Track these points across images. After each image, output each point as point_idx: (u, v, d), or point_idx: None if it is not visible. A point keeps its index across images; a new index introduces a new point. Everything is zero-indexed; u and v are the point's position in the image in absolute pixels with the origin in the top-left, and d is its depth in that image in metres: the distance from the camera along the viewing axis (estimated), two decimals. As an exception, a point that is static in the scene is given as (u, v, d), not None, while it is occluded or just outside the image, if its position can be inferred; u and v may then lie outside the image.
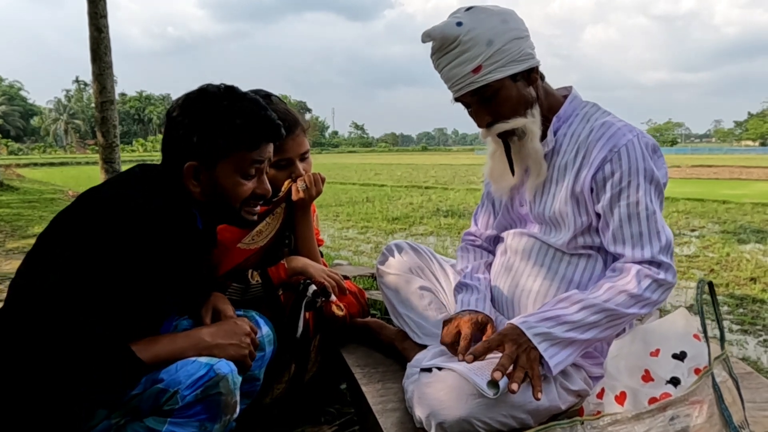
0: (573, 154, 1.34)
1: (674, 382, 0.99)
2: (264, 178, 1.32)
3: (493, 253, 1.67)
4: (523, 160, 1.40)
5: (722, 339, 1.01)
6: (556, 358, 1.20)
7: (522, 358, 1.18)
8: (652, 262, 1.25)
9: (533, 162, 1.37)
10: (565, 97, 1.42)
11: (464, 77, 1.30)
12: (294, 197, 1.71)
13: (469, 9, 1.32)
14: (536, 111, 1.35)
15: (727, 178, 19.04)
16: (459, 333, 1.32)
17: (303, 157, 1.75)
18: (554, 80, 1.46)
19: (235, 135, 1.23)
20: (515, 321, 1.25)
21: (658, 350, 1.04)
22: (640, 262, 1.26)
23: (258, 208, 1.37)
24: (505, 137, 1.37)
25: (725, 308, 4.00)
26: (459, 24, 1.27)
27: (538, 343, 1.20)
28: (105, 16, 5.04)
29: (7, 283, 4.11)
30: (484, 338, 1.32)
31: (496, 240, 1.67)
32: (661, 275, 1.24)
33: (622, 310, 1.23)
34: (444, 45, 1.29)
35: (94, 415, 1.12)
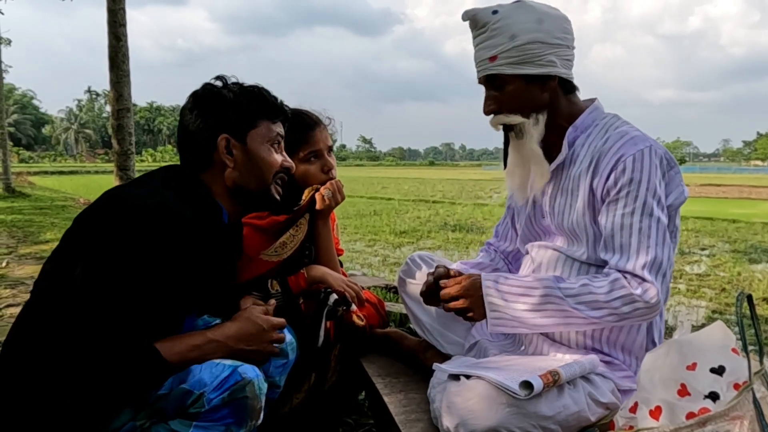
0: (587, 164, 1.34)
1: (713, 396, 0.97)
2: (285, 155, 1.40)
3: (507, 264, 1.71)
4: (524, 160, 1.42)
5: (761, 353, 0.99)
6: (495, 323, 1.33)
7: (474, 307, 1.34)
8: (634, 276, 1.23)
9: (534, 164, 1.40)
10: (587, 107, 1.42)
11: (483, 61, 1.36)
12: (319, 206, 1.70)
13: (517, 1, 1.35)
14: (542, 117, 1.37)
15: (737, 197, 18.96)
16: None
17: (330, 150, 1.78)
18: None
19: (259, 105, 1.33)
20: (485, 277, 1.36)
21: (695, 364, 1.03)
22: (622, 272, 1.25)
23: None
24: (506, 130, 1.42)
25: (736, 329, 3.96)
26: (495, 12, 1.33)
27: (490, 311, 1.32)
28: (124, 25, 5.07)
29: (20, 288, 4.14)
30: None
31: (514, 255, 1.69)
32: (638, 291, 1.21)
33: (583, 311, 1.25)
34: (476, 26, 1.36)
35: (120, 413, 1.11)
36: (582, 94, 1.45)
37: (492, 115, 1.40)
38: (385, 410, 1.49)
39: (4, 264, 5.03)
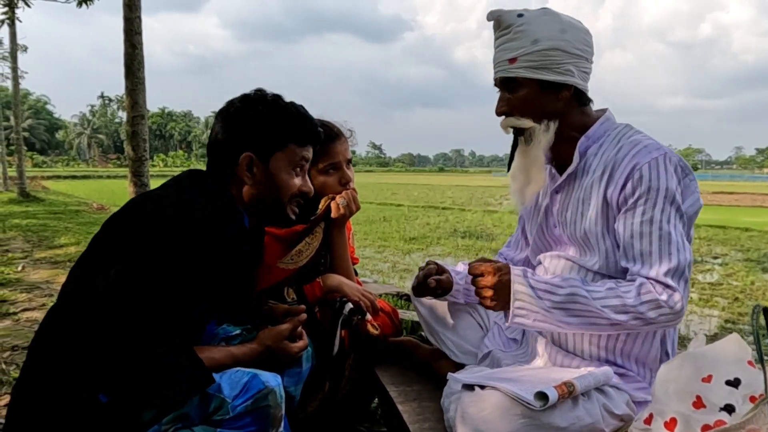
0: (600, 173, 1.35)
1: (728, 409, 0.98)
2: (307, 179, 1.41)
3: None
4: (527, 166, 1.43)
5: (777, 367, 0.99)
6: (518, 312, 1.30)
7: (497, 290, 1.31)
8: (659, 282, 1.24)
9: (535, 170, 1.41)
10: (599, 118, 1.43)
11: (501, 62, 1.37)
12: (334, 214, 1.72)
13: (543, 8, 1.37)
14: (553, 124, 1.38)
15: (749, 205, 18.77)
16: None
17: (349, 163, 1.80)
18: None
19: (290, 128, 1.33)
20: (515, 269, 1.33)
21: (710, 376, 1.03)
22: (646, 278, 1.26)
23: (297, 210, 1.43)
24: (517, 134, 1.43)
25: (750, 338, 3.91)
26: (520, 15, 1.34)
27: (514, 300, 1.29)
28: (140, 33, 5.16)
29: (36, 292, 4.19)
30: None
31: (524, 264, 1.69)
32: (663, 296, 1.22)
33: (609, 314, 1.25)
34: (499, 27, 1.38)
35: (141, 414, 1.13)
36: (594, 102, 1.46)
37: (503, 117, 1.42)
38: (398, 418, 1.50)
39: (20, 268, 5.10)
